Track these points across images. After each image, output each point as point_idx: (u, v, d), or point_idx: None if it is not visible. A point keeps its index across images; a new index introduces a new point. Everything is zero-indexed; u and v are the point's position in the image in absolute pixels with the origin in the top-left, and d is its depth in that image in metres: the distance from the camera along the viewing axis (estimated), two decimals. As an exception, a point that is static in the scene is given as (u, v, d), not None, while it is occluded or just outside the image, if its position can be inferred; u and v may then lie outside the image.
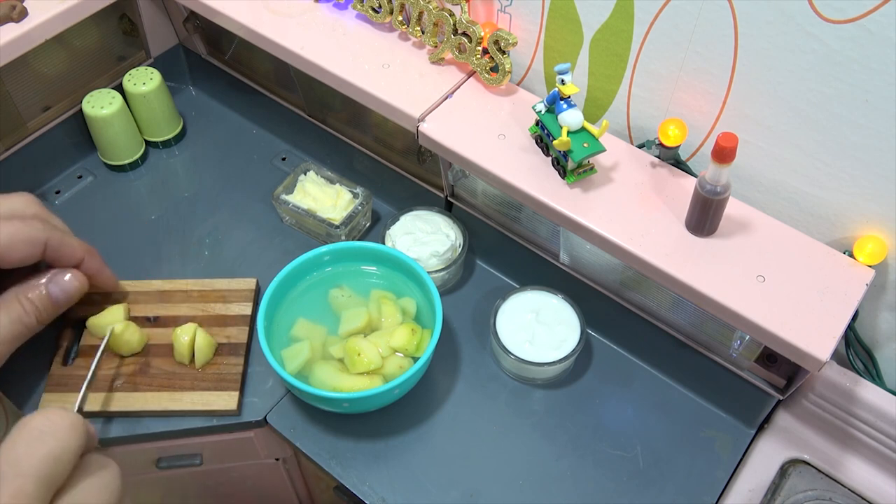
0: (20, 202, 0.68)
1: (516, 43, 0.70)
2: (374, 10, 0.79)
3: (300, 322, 0.75)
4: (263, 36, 0.80)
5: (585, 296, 0.77)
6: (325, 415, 0.74)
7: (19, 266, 0.66)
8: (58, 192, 0.93)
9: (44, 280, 0.68)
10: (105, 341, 0.72)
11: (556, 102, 0.66)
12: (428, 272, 0.75)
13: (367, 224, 0.89)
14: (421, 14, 0.76)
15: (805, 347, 0.59)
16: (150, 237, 0.89)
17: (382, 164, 0.90)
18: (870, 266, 0.63)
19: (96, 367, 0.70)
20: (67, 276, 0.69)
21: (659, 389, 0.77)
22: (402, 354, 0.72)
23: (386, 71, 0.76)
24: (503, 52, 0.71)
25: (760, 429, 0.74)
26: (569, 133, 0.65)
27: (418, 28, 0.77)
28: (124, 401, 0.73)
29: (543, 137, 0.70)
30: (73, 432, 0.46)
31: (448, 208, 0.87)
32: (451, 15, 0.73)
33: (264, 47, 0.81)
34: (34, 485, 0.43)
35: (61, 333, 0.77)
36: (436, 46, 0.77)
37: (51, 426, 0.46)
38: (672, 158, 0.70)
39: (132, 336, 0.74)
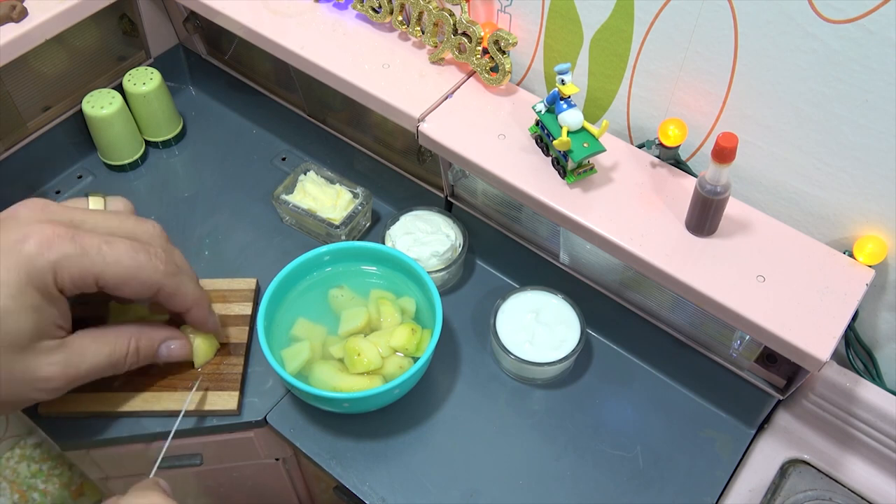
0: (147, 233, 0.65)
1: (516, 43, 0.70)
2: (374, 10, 0.79)
3: (300, 322, 0.75)
4: (263, 36, 0.80)
5: (585, 296, 0.77)
6: (325, 415, 0.74)
7: (123, 299, 0.65)
8: (58, 192, 0.93)
9: (161, 335, 0.69)
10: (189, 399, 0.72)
11: (556, 102, 0.66)
12: (428, 272, 0.75)
13: (367, 224, 0.89)
14: (421, 14, 0.76)
15: (805, 347, 0.59)
16: (150, 237, 0.89)
17: (382, 164, 0.90)
18: (870, 266, 0.63)
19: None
20: (179, 345, 0.70)
21: (659, 389, 0.77)
22: (402, 354, 0.72)
23: (386, 71, 0.76)
24: (503, 52, 0.71)
25: (760, 429, 0.74)
26: (569, 133, 0.65)
27: (418, 28, 0.77)
28: (124, 401, 0.73)
29: (543, 137, 0.70)
30: None
31: (448, 208, 0.87)
32: (451, 15, 0.73)
33: (264, 47, 0.81)
34: None
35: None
36: (436, 46, 0.77)
37: None
38: (672, 158, 0.70)
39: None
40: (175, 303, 0.67)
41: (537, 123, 0.70)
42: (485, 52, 0.73)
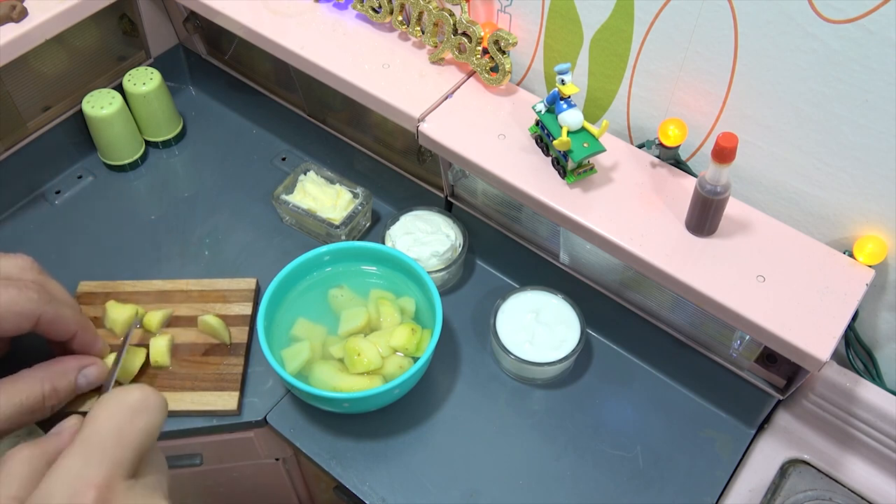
0: (16, 266, 0.64)
1: (516, 43, 0.70)
2: (374, 10, 0.79)
3: (300, 322, 0.75)
4: (263, 36, 0.80)
5: (585, 296, 0.77)
6: (325, 415, 0.74)
7: (6, 336, 0.63)
8: (58, 192, 0.93)
9: (74, 366, 0.66)
10: (125, 345, 0.70)
11: (556, 102, 0.66)
12: (428, 272, 0.75)
13: (367, 224, 0.89)
14: (421, 14, 0.76)
15: (805, 347, 0.59)
16: (150, 237, 0.89)
17: (382, 164, 0.90)
18: (870, 266, 0.63)
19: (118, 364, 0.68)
20: (95, 370, 0.68)
21: (659, 389, 0.77)
22: (402, 354, 0.72)
23: (386, 71, 0.76)
24: (503, 52, 0.71)
25: (760, 429, 0.74)
26: (569, 133, 0.65)
27: (418, 28, 0.77)
28: (124, 401, 0.73)
29: (543, 137, 0.70)
30: (163, 410, 0.49)
31: (448, 208, 0.87)
32: (451, 15, 0.73)
33: (264, 47, 0.81)
34: (132, 456, 0.45)
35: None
36: (436, 46, 0.77)
37: (147, 402, 0.48)
38: (672, 158, 0.70)
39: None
40: (57, 330, 0.65)
41: (537, 123, 0.70)
42: (485, 52, 0.73)
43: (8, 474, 0.44)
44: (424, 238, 0.81)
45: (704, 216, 0.63)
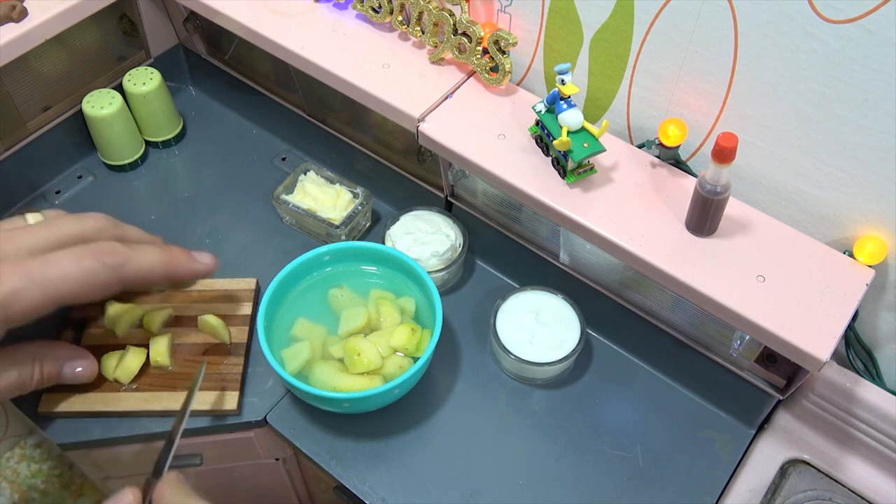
0: (92, 227, 0.63)
1: (516, 43, 0.70)
2: (374, 10, 0.79)
3: (300, 322, 0.75)
4: (263, 36, 0.80)
5: (585, 296, 0.77)
6: (325, 415, 0.74)
7: (96, 301, 0.63)
8: (58, 192, 0.93)
9: (64, 355, 0.68)
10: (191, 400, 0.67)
11: (556, 102, 0.66)
12: (428, 272, 0.75)
13: (367, 224, 0.89)
14: (421, 14, 0.76)
15: (805, 347, 0.59)
16: (150, 237, 0.89)
17: (382, 164, 0.90)
18: (870, 266, 0.63)
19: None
20: (83, 367, 0.69)
21: (659, 389, 0.77)
22: (402, 354, 0.72)
23: (386, 71, 0.76)
24: (503, 52, 0.71)
25: (760, 429, 0.74)
26: (569, 133, 0.65)
27: (418, 28, 0.77)
28: (124, 401, 0.73)
29: (543, 137, 0.70)
30: None
31: (448, 208, 0.87)
32: (451, 15, 0.73)
33: (264, 47, 0.81)
34: None
35: (61, 334, 0.77)
36: (436, 46, 0.77)
37: None
38: (672, 158, 0.70)
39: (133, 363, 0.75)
40: (147, 282, 0.65)
41: (537, 123, 0.70)
42: (485, 52, 0.73)
43: None
44: (424, 238, 0.81)
45: (704, 216, 0.63)
